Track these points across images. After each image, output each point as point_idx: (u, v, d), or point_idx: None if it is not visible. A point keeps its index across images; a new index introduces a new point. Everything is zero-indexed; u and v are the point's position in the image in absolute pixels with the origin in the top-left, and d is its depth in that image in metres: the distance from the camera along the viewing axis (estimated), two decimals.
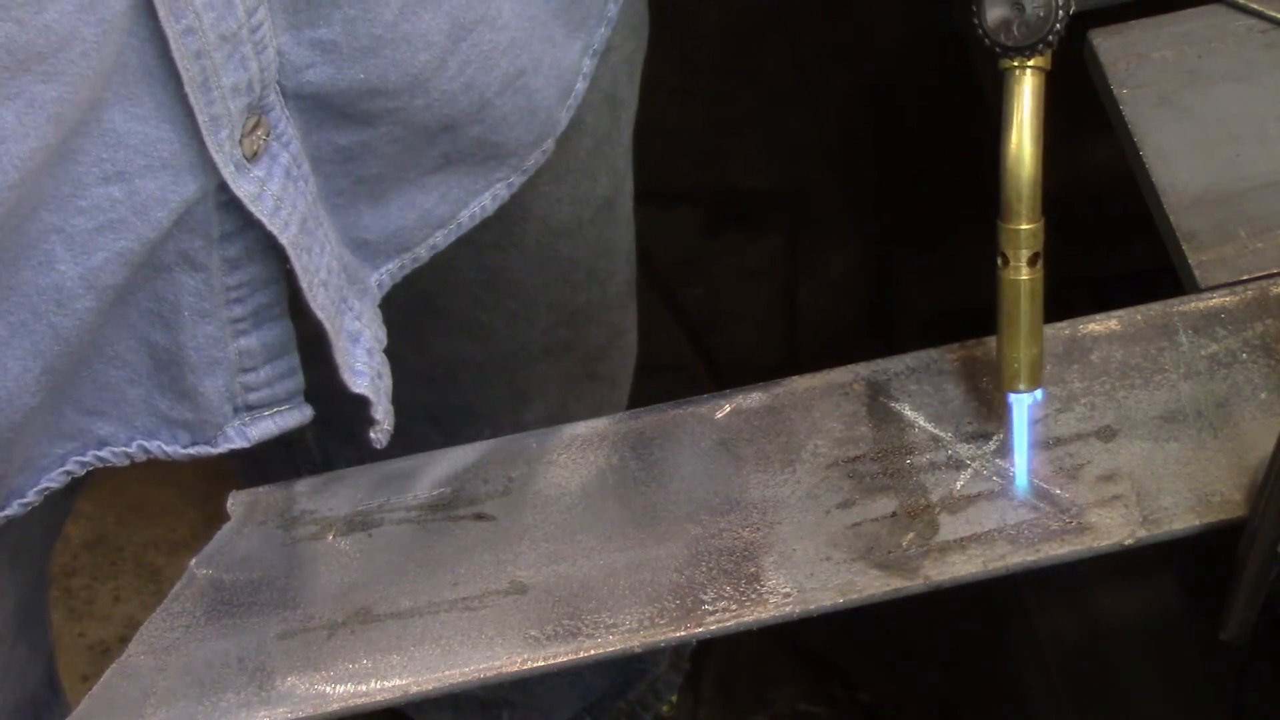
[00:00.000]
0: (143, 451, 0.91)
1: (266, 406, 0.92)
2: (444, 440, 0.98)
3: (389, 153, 0.91)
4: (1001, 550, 0.88)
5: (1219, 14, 1.10)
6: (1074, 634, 1.40)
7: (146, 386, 0.89)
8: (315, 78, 0.84)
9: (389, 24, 0.84)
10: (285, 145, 0.84)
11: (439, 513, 0.92)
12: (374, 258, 0.96)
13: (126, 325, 0.86)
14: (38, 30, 0.72)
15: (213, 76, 0.78)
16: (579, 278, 1.21)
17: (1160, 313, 0.95)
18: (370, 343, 0.94)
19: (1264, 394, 0.91)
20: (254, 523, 0.93)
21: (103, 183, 0.79)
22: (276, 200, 0.84)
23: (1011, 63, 0.84)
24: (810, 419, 0.93)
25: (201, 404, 0.90)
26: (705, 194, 2.14)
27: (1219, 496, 0.89)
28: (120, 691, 0.88)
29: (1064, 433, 0.91)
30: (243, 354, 0.89)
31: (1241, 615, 0.86)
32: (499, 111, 0.93)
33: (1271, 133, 1.05)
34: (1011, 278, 0.86)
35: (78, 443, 0.91)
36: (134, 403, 0.90)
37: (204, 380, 0.89)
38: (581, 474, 0.93)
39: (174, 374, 0.88)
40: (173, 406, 0.90)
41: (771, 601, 0.88)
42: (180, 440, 0.91)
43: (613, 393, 1.36)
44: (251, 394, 0.91)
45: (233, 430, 0.91)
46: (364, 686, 0.87)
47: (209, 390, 0.89)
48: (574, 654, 0.87)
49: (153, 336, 0.87)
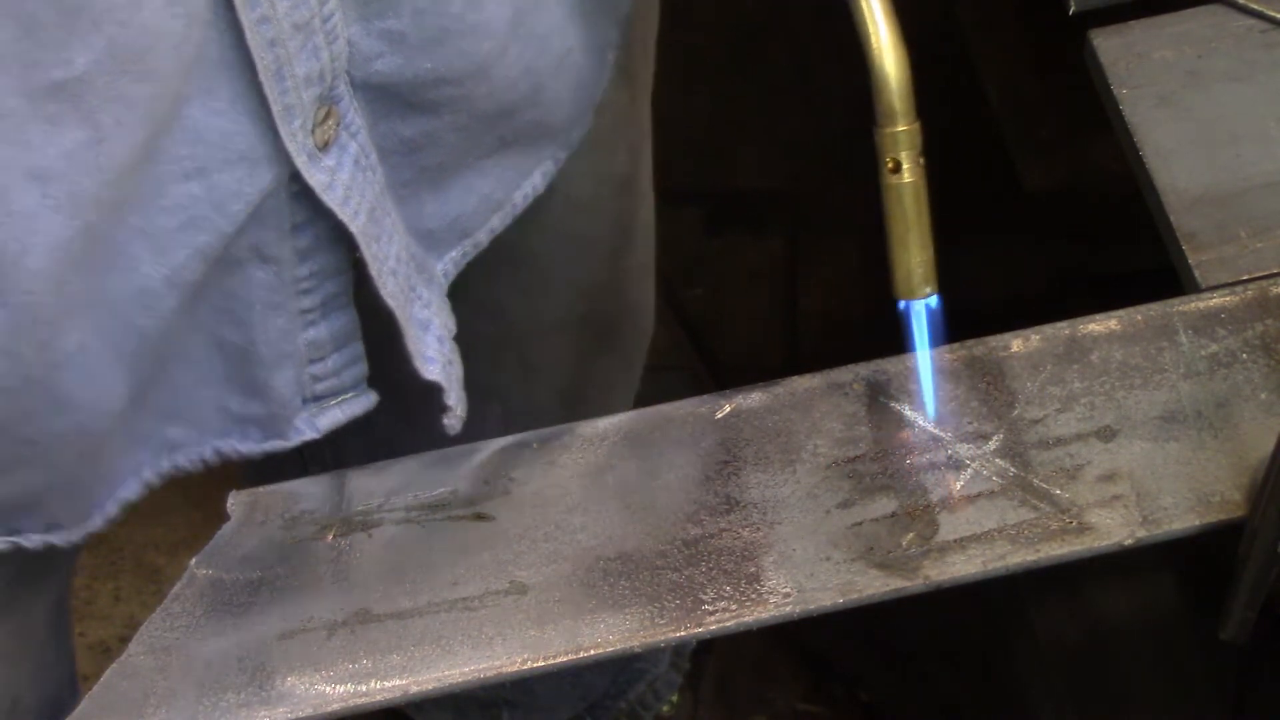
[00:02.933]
0: (216, 454, 0.93)
1: (333, 395, 0.93)
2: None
3: (451, 141, 0.92)
4: (1001, 550, 0.88)
5: (1219, 14, 1.10)
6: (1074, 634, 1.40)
7: (217, 387, 0.90)
8: (384, 67, 0.85)
9: (456, 15, 0.86)
10: (354, 135, 0.85)
11: (439, 513, 0.92)
12: (438, 246, 0.97)
13: (198, 325, 0.87)
14: (137, 30, 0.73)
15: (286, 66, 0.79)
16: (598, 253, 1.22)
17: (1160, 313, 0.95)
18: (440, 330, 0.96)
19: (1264, 394, 0.91)
20: (254, 523, 0.93)
21: (183, 180, 0.80)
22: (346, 190, 0.85)
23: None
24: (810, 419, 0.93)
25: (272, 398, 0.91)
26: (705, 194, 2.14)
27: (1219, 496, 0.89)
28: (120, 691, 0.88)
29: (1064, 433, 0.91)
30: (311, 345, 0.91)
31: (1241, 615, 0.86)
32: (552, 92, 0.95)
33: (1271, 133, 1.05)
34: (899, 181, 0.86)
35: (152, 450, 0.91)
36: (205, 404, 0.91)
37: (274, 374, 0.90)
38: (581, 474, 0.93)
39: (245, 370, 0.89)
40: (243, 404, 0.91)
41: (771, 601, 0.88)
42: (252, 438, 0.93)
43: (627, 371, 1.36)
44: (319, 384, 0.92)
45: (302, 422, 0.93)
46: (364, 686, 0.87)
47: (279, 384, 0.90)
48: (574, 654, 0.87)
49: (224, 334, 0.88)
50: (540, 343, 1.25)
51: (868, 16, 0.84)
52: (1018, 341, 0.95)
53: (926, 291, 0.89)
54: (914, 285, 0.89)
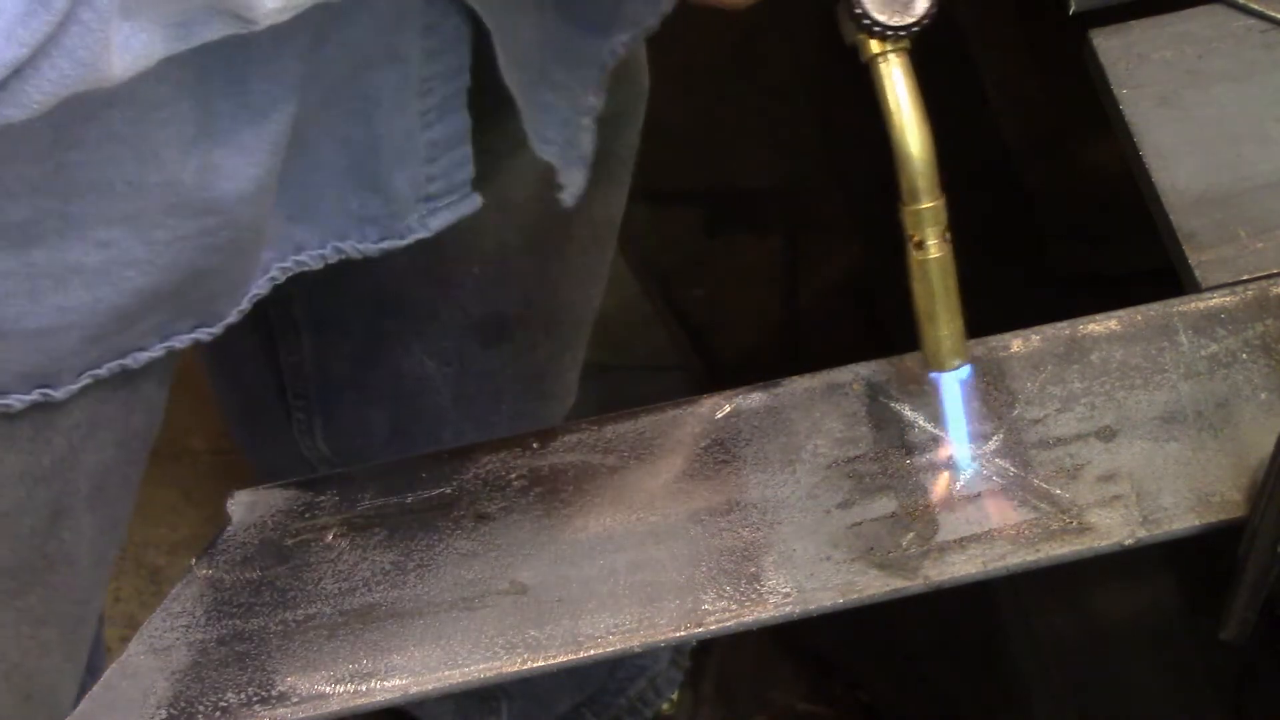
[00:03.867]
0: (336, 252, 0.96)
1: (443, 196, 0.97)
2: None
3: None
4: (1001, 550, 0.88)
5: (1219, 14, 1.10)
6: (1074, 634, 1.40)
7: (341, 186, 0.94)
8: None
9: None
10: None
11: (439, 513, 0.92)
12: (605, 29, 1.01)
13: (328, 126, 0.90)
14: None
15: None
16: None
17: (1160, 313, 0.95)
18: (568, 113, 0.99)
19: (1264, 394, 0.91)
20: (254, 523, 0.93)
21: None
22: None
23: (883, 47, 0.83)
24: (810, 419, 0.93)
25: (391, 196, 0.94)
26: (705, 194, 2.14)
27: (1219, 496, 0.89)
28: (120, 691, 0.88)
29: (1064, 433, 0.91)
30: (429, 145, 0.94)
31: (1241, 615, 0.86)
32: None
33: (1271, 133, 1.05)
34: (923, 258, 0.86)
35: (280, 250, 0.95)
36: (328, 204, 0.94)
37: (395, 172, 0.94)
38: (582, 474, 0.93)
39: (369, 168, 0.93)
40: (363, 204, 0.95)
41: (771, 601, 0.88)
42: (370, 237, 0.96)
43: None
44: (433, 184, 0.96)
45: (415, 221, 0.97)
46: (364, 686, 0.87)
47: (398, 181, 0.94)
48: (574, 654, 0.87)
49: (352, 133, 0.92)
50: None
51: (890, 93, 0.83)
52: (1018, 341, 0.95)
53: (955, 364, 0.89)
54: (943, 358, 0.88)
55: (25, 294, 0.86)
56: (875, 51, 0.83)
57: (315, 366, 1.28)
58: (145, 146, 0.83)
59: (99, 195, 0.84)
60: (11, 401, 0.90)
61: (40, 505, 0.96)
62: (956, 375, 0.90)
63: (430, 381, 1.26)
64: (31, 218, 0.84)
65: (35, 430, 0.93)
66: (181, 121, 0.84)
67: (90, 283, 0.87)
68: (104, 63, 0.70)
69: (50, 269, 0.85)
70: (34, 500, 0.96)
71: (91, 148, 0.82)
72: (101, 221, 0.85)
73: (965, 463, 0.90)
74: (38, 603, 1.00)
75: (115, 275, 0.87)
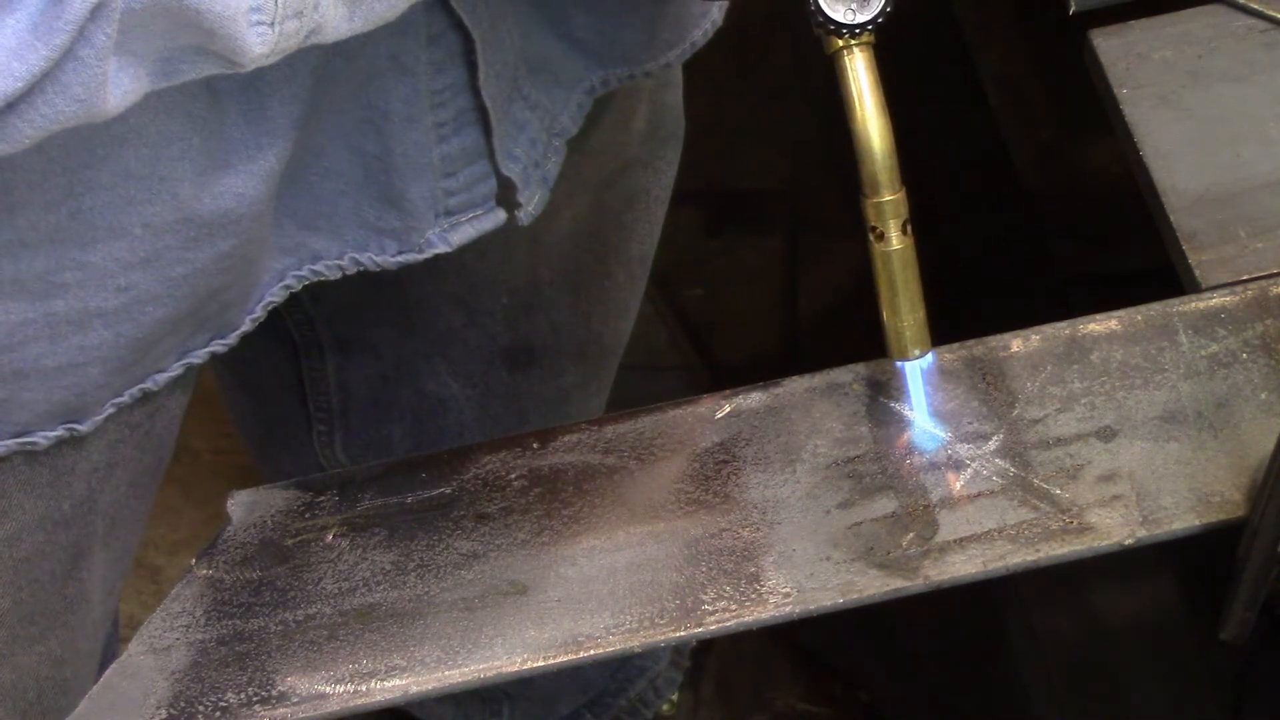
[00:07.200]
0: (354, 263, 0.96)
1: (464, 211, 0.96)
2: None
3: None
4: (1001, 550, 0.88)
5: (1219, 14, 1.10)
6: (1074, 634, 1.40)
7: (356, 197, 0.93)
8: None
9: None
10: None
11: (439, 513, 0.92)
12: (594, 58, 1.00)
13: (340, 135, 0.90)
14: None
15: None
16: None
17: (1160, 313, 0.95)
18: (537, 133, 0.98)
19: (1264, 394, 0.91)
20: (254, 523, 0.93)
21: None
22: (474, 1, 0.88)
23: (846, 41, 0.84)
24: (810, 419, 0.93)
25: (408, 209, 0.94)
26: (705, 194, 2.14)
27: (1219, 496, 0.89)
28: (120, 691, 0.88)
29: (1064, 433, 0.91)
30: (445, 159, 0.94)
31: (1241, 615, 0.86)
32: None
33: (1271, 133, 1.05)
34: (885, 249, 0.87)
35: (295, 258, 0.94)
36: (345, 214, 0.94)
37: (410, 186, 0.93)
38: (582, 474, 0.93)
39: (383, 181, 0.93)
40: (380, 216, 0.94)
41: (771, 601, 0.88)
42: (388, 250, 0.95)
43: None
44: (451, 199, 0.95)
45: (435, 235, 0.96)
46: (364, 686, 0.87)
47: (415, 196, 0.93)
48: (574, 654, 0.87)
49: (364, 145, 0.91)
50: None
51: (853, 86, 0.85)
52: (1018, 341, 0.95)
53: (916, 353, 0.89)
54: (905, 346, 0.89)
55: (46, 338, 0.86)
56: (838, 46, 0.84)
57: (338, 383, 1.28)
58: (160, 185, 0.83)
59: (116, 240, 0.84)
60: (37, 439, 0.90)
61: (61, 549, 0.96)
62: (919, 364, 0.90)
63: (454, 401, 1.26)
64: (50, 268, 0.83)
65: (56, 475, 0.93)
66: (194, 154, 0.84)
67: (111, 322, 0.87)
68: (99, 99, 0.69)
69: (70, 316, 0.85)
70: (55, 544, 0.96)
71: (106, 191, 0.82)
72: (121, 268, 0.85)
73: (927, 445, 0.91)
74: (58, 645, 1.00)
75: (135, 312, 0.87)
